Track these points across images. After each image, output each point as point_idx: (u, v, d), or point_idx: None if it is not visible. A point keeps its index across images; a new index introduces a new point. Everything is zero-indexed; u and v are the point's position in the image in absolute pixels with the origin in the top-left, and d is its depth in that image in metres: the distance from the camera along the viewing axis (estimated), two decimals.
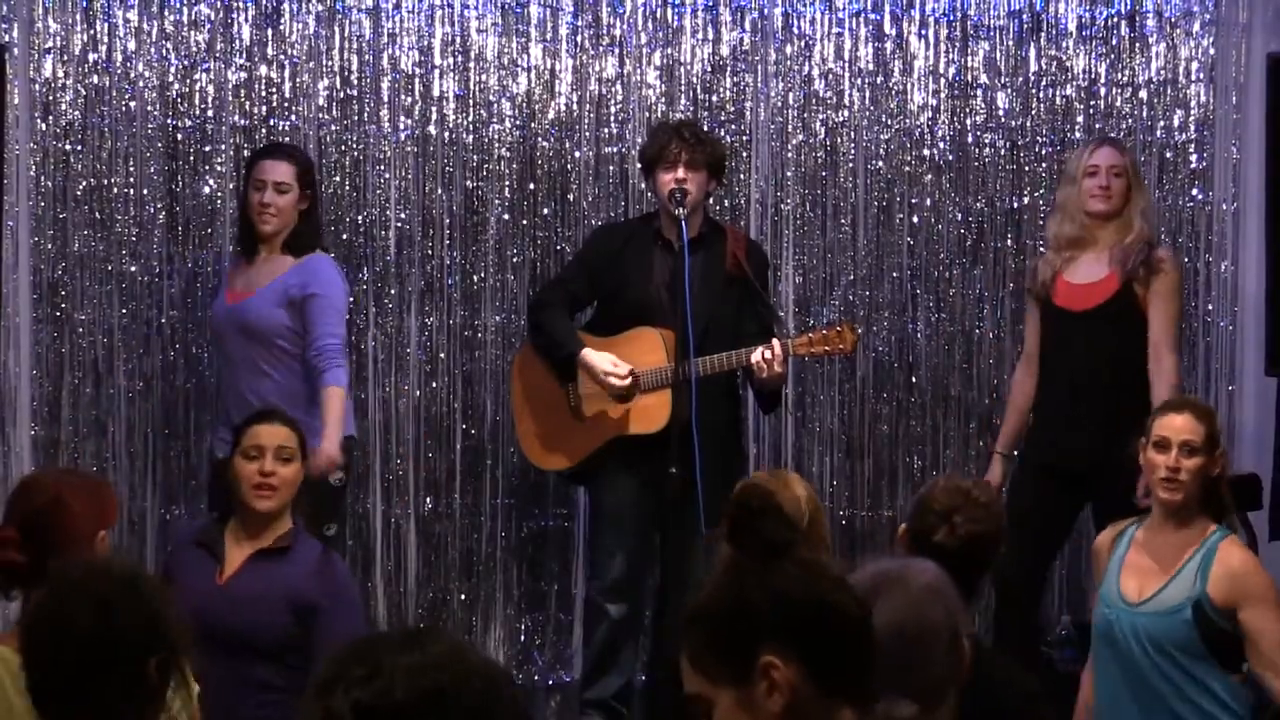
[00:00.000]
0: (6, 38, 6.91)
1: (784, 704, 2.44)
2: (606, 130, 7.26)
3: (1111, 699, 4.87)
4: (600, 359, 6.24)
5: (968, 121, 7.31)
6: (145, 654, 2.87)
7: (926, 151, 7.30)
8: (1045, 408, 6.42)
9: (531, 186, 7.25)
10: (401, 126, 7.22)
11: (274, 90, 7.18)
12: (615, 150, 7.24)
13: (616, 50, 7.25)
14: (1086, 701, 5.02)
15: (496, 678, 1.94)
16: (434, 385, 7.25)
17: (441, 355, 7.25)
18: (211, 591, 4.80)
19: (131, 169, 7.11)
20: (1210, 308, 7.28)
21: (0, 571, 4.03)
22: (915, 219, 7.31)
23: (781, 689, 2.44)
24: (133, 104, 7.11)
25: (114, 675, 2.85)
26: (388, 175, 7.21)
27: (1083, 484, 6.27)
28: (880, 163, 7.31)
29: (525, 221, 7.25)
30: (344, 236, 7.20)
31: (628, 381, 6.20)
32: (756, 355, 6.01)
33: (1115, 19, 7.31)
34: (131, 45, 7.11)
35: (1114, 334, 6.28)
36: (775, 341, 6.02)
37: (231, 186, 6.97)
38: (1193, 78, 7.31)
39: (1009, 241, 7.32)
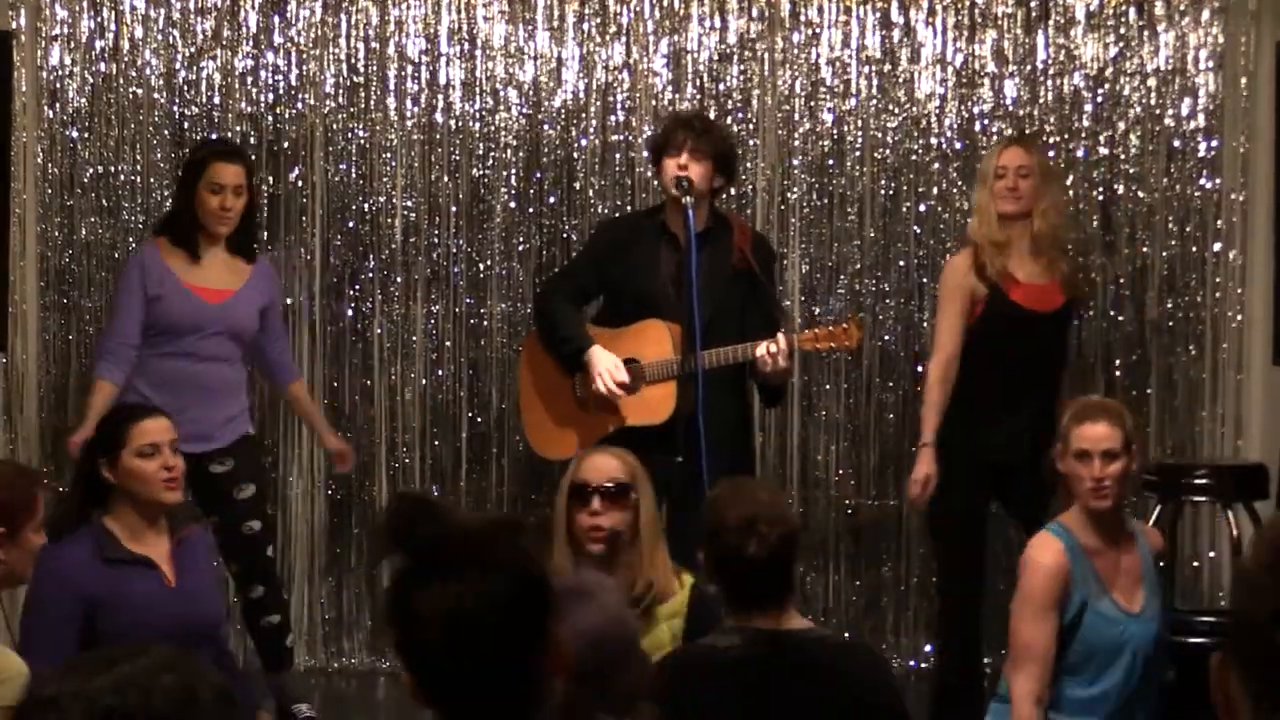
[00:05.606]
0: (13, 25, 6.92)
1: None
2: (613, 118, 7.25)
3: (1124, 703, 4.95)
4: (603, 358, 6.17)
5: (975, 110, 7.28)
6: None
7: (934, 140, 7.28)
8: (986, 402, 6.16)
9: (538, 175, 7.25)
10: (408, 114, 7.21)
11: (280, 78, 7.18)
12: (621, 138, 7.23)
13: (623, 38, 7.24)
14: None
15: (190, 695, 1.84)
16: (440, 373, 7.26)
17: (448, 343, 7.25)
18: (170, 597, 4.77)
19: (138, 156, 7.12)
20: (1218, 296, 7.25)
21: None
22: (922, 208, 7.29)
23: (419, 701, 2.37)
24: (139, 91, 7.12)
25: None
26: (394, 163, 7.21)
27: (1002, 480, 6.13)
28: (887, 151, 7.28)
29: (531, 210, 7.25)
30: (350, 224, 7.20)
31: (620, 393, 6.15)
32: (761, 349, 5.97)
33: (1124, 6, 7.25)
34: (138, 32, 7.12)
35: (1066, 336, 6.42)
36: (780, 335, 5.98)
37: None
38: (1201, 66, 7.26)
39: None
